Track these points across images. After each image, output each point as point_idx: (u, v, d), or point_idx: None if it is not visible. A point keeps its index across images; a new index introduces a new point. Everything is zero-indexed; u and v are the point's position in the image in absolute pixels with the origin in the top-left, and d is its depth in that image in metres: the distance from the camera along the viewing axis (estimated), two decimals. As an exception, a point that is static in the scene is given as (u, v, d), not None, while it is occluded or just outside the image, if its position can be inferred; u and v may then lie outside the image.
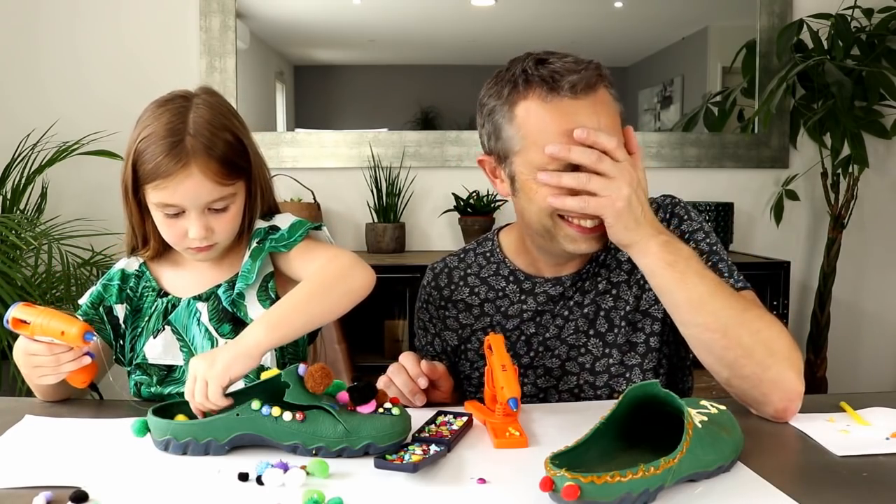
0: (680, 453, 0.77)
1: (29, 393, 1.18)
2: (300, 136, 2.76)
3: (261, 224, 1.21)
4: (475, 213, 2.63)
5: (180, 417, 0.96)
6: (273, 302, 1.16)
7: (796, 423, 1.02)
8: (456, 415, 1.02)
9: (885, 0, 2.61)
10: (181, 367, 1.20)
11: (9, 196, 2.42)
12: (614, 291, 1.22)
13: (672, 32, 2.86)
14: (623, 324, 1.21)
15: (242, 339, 1.00)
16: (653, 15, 2.81)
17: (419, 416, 1.01)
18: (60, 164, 2.42)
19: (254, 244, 1.19)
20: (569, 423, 1.01)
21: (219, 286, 1.20)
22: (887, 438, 0.96)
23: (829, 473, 0.86)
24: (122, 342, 1.22)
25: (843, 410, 1.06)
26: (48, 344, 1.06)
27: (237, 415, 0.92)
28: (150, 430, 0.95)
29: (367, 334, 2.47)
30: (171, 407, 0.99)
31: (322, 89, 2.85)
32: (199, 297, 1.20)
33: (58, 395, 1.17)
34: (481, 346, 1.23)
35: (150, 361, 1.19)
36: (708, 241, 1.20)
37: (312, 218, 2.53)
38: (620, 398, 0.85)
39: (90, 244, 2.33)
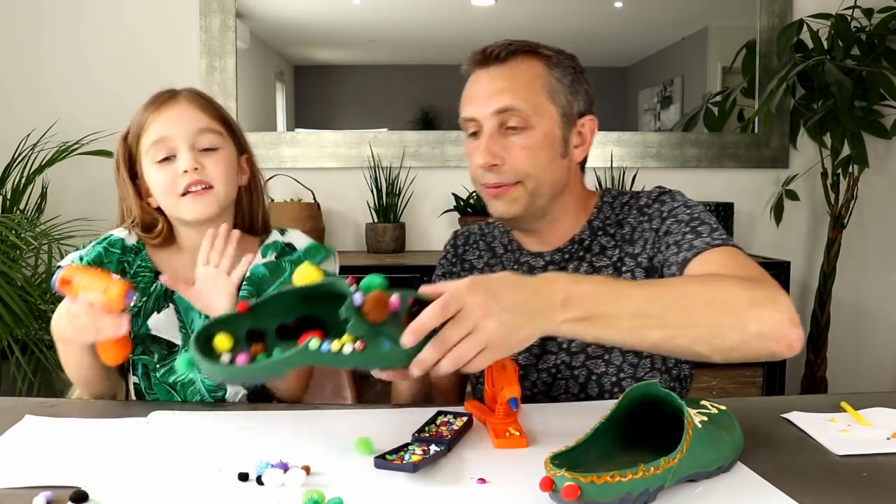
0: (680, 453, 0.77)
1: (28, 393, 1.19)
2: (300, 136, 2.76)
3: (277, 236, 1.27)
4: (475, 213, 2.63)
5: (222, 338, 0.89)
6: None
7: (796, 423, 1.02)
8: (456, 415, 1.02)
9: (885, 0, 2.61)
10: (181, 347, 1.23)
11: (9, 196, 2.42)
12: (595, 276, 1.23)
13: (672, 32, 2.86)
14: None
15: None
16: (653, 15, 2.81)
17: (419, 417, 1.01)
18: (60, 164, 2.42)
19: (270, 255, 1.24)
20: (569, 423, 1.01)
21: None
22: (888, 438, 0.96)
23: (829, 473, 0.86)
24: None
25: (844, 410, 1.06)
26: (88, 305, 1.09)
27: (295, 353, 0.86)
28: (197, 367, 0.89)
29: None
30: (211, 331, 0.91)
31: (322, 89, 2.85)
32: None
33: (94, 377, 1.20)
34: None
35: (152, 332, 1.22)
36: (689, 212, 1.20)
37: (312, 218, 2.54)
38: (620, 398, 0.85)
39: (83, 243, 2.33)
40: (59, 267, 1.19)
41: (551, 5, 2.76)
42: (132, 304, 1.11)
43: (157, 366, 1.24)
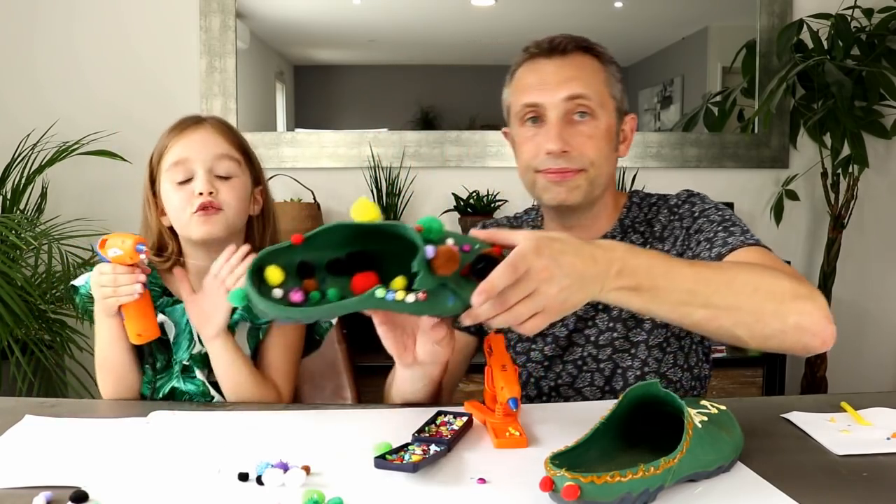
0: (680, 453, 0.77)
1: (28, 393, 1.20)
2: (300, 136, 2.76)
3: None
4: (475, 213, 2.63)
5: (274, 270, 0.86)
6: (259, 339, 1.28)
7: (796, 423, 1.02)
8: (456, 415, 1.02)
9: (885, 0, 2.61)
10: (177, 360, 1.26)
11: (9, 196, 2.42)
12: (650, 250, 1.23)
13: (672, 32, 2.86)
14: None
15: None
16: (653, 15, 2.81)
17: (419, 417, 1.01)
18: (60, 164, 2.42)
19: None
20: (569, 423, 1.01)
21: None
22: (888, 438, 0.96)
23: (829, 473, 0.86)
24: None
25: (844, 410, 1.06)
26: (113, 265, 1.17)
27: (358, 300, 0.85)
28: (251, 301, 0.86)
29: (367, 334, 2.45)
30: (264, 262, 0.87)
31: (322, 89, 2.85)
32: None
33: (122, 363, 1.23)
34: None
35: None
36: (720, 214, 1.24)
37: (312, 218, 2.54)
38: (620, 398, 0.85)
39: (90, 244, 2.33)
40: (73, 286, 1.32)
41: (551, 5, 2.76)
42: (143, 256, 1.17)
43: (156, 376, 1.27)
